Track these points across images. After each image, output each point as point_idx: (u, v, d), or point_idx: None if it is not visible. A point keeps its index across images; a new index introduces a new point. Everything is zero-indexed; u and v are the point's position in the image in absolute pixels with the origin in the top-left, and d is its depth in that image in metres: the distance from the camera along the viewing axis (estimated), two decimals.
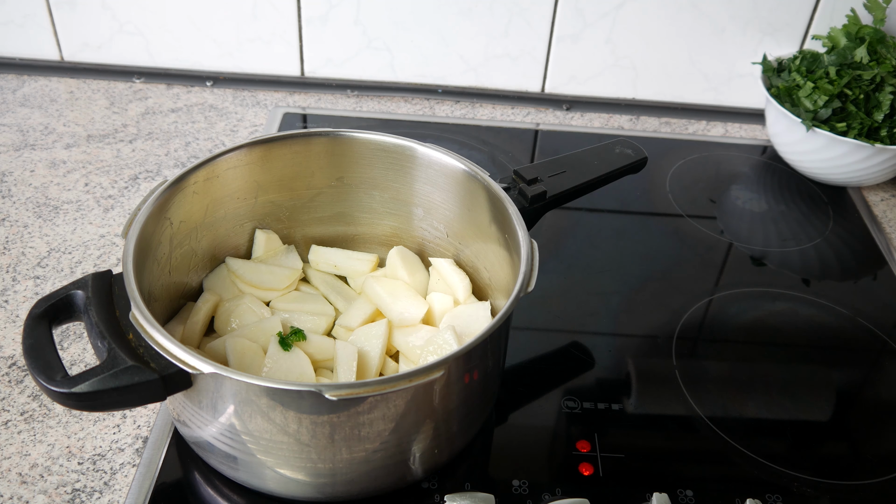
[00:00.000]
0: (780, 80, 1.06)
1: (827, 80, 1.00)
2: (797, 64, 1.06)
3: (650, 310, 0.85)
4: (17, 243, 0.89)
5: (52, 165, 1.01)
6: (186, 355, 0.54)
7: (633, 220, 0.99)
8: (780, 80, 1.06)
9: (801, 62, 1.06)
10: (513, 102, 1.20)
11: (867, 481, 0.70)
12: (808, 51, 1.07)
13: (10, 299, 0.82)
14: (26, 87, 1.15)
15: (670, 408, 0.75)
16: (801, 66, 1.05)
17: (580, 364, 0.79)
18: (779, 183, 1.08)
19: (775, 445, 0.72)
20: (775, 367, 0.80)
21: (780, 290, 0.90)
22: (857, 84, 0.99)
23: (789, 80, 1.05)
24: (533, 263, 0.64)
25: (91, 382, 0.54)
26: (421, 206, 0.78)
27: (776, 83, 1.07)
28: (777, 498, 0.67)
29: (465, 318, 0.71)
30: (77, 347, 0.77)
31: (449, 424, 0.62)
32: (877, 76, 0.99)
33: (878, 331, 0.85)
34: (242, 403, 0.56)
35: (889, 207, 1.05)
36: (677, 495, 0.66)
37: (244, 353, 0.67)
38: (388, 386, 0.54)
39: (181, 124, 1.10)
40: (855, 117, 0.99)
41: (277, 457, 0.59)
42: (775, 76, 1.08)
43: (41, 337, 0.58)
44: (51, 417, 0.71)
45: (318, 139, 0.76)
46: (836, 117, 1.00)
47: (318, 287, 0.79)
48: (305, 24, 1.13)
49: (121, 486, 0.66)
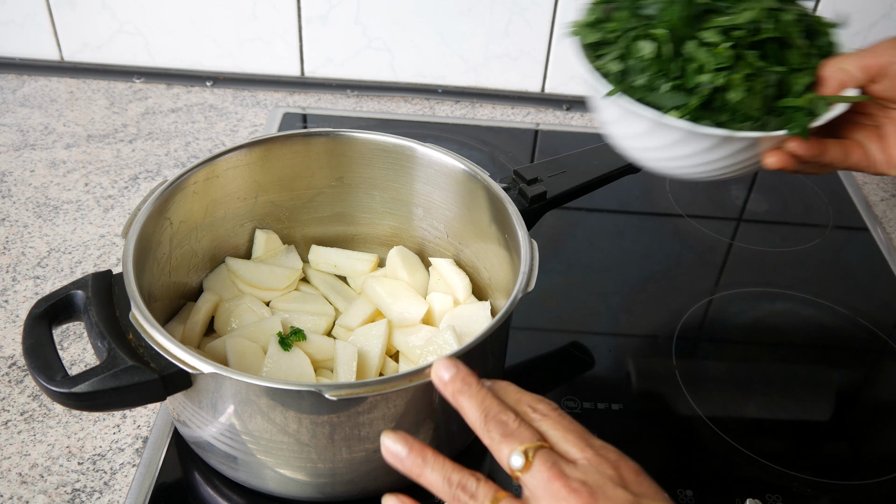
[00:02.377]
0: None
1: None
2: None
3: (650, 310, 0.85)
4: (17, 243, 0.89)
5: (52, 165, 1.01)
6: (186, 355, 0.54)
7: (633, 220, 0.99)
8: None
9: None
10: (513, 102, 1.20)
11: (867, 481, 0.70)
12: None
13: (10, 299, 0.82)
14: (26, 87, 1.15)
15: (670, 408, 0.75)
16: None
17: (580, 364, 0.79)
18: (779, 183, 1.08)
19: (775, 445, 0.72)
20: (775, 367, 0.80)
21: (780, 290, 0.90)
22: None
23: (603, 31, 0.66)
24: (533, 263, 0.64)
25: (91, 382, 0.54)
26: (421, 206, 0.78)
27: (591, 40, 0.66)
28: (777, 498, 0.67)
29: (465, 318, 0.71)
30: (77, 347, 0.77)
31: (449, 424, 0.62)
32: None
33: (878, 331, 0.85)
34: (242, 403, 0.56)
35: (889, 207, 1.05)
36: (677, 495, 0.66)
37: (244, 353, 0.67)
38: (388, 386, 0.54)
39: (181, 124, 1.10)
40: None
41: (277, 457, 0.59)
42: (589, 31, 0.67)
43: (41, 337, 0.58)
44: (51, 417, 0.71)
45: (318, 139, 0.76)
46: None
47: (318, 287, 0.79)
48: (305, 24, 1.13)
49: (121, 486, 0.66)
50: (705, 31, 0.59)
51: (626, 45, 0.61)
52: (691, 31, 0.60)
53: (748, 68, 0.58)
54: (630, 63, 0.61)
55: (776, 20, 0.60)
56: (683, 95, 0.59)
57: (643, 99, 0.60)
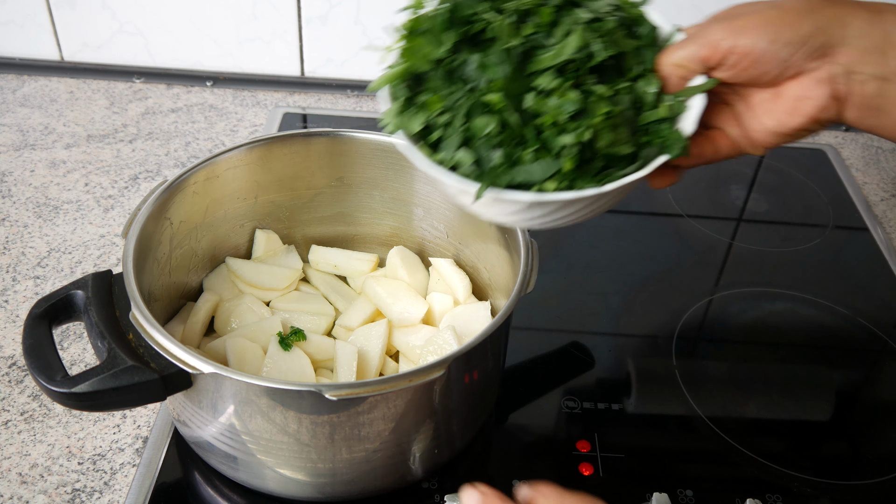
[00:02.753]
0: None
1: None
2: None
3: (650, 310, 0.85)
4: (17, 243, 0.89)
5: (52, 165, 1.01)
6: (186, 355, 0.54)
7: (633, 220, 0.99)
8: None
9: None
10: None
11: (867, 481, 0.70)
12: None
13: (10, 299, 0.82)
14: (26, 87, 1.15)
15: (670, 408, 0.75)
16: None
17: (580, 364, 0.79)
18: (779, 183, 1.08)
19: (775, 445, 0.72)
20: (775, 367, 0.80)
21: (780, 290, 0.90)
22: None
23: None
24: (533, 263, 0.64)
25: (91, 382, 0.54)
26: (421, 206, 0.78)
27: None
28: (777, 498, 0.67)
29: (465, 318, 0.71)
30: (77, 347, 0.77)
31: (449, 424, 0.62)
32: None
33: (878, 331, 0.85)
34: (242, 403, 0.56)
35: (889, 207, 1.05)
36: (677, 495, 0.66)
37: (244, 353, 0.67)
38: (388, 386, 0.54)
39: (181, 124, 1.10)
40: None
41: (277, 457, 0.59)
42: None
43: (41, 337, 0.58)
44: (51, 417, 0.71)
45: (318, 139, 0.76)
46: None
47: (318, 287, 0.79)
48: (305, 23, 1.13)
49: (121, 486, 0.66)
50: (539, 78, 0.52)
51: (463, 127, 0.52)
52: (525, 84, 0.52)
53: (603, 105, 0.52)
54: (478, 145, 0.52)
55: (602, 35, 0.53)
56: (551, 160, 0.52)
57: (512, 180, 0.52)
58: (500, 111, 0.52)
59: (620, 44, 0.53)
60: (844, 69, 0.48)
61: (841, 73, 0.48)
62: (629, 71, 0.54)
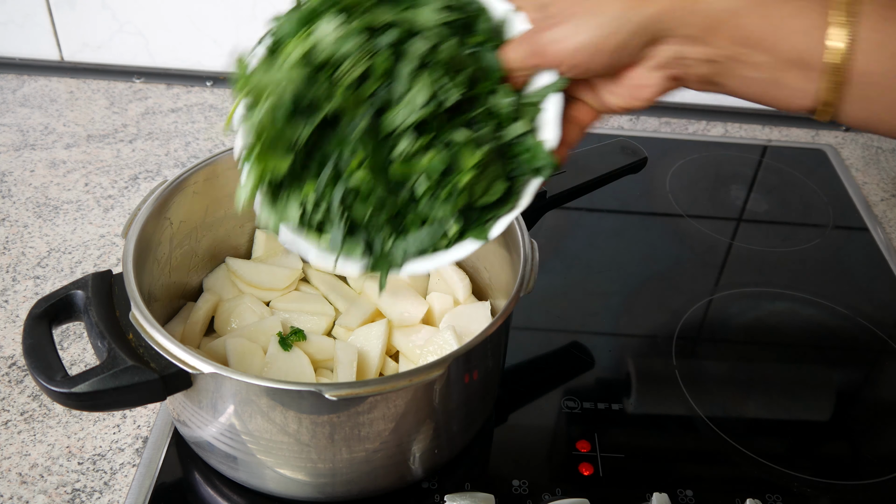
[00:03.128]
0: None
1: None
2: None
3: (650, 310, 0.85)
4: (17, 243, 0.89)
5: (52, 165, 1.01)
6: (186, 355, 0.54)
7: (633, 220, 0.99)
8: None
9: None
10: None
11: (867, 481, 0.70)
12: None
13: (10, 299, 0.82)
14: (26, 87, 1.15)
15: (670, 408, 0.75)
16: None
17: (580, 364, 0.79)
18: (779, 183, 1.08)
19: (775, 445, 0.72)
20: (775, 367, 0.80)
21: (780, 290, 0.90)
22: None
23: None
24: (533, 263, 0.64)
25: (91, 382, 0.54)
26: None
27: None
28: (777, 498, 0.67)
29: (465, 318, 0.71)
30: (77, 347, 0.77)
31: (449, 424, 0.62)
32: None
33: (878, 331, 0.85)
34: (242, 403, 0.56)
35: (889, 207, 1.05)
36: (677, 495, 0.66)
37: (244, 353, 0.67)
38: (388, 386, 0.54)
39: (181, 124, 1.10)
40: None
41: (277, 457, 0.59)
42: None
43: (41, 337, 0.58)
44: (51, 417, 0.71)
45: None
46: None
47: (318, 287, 0.79)
48: None
49: (121, 486, 0.66)
50: (398, 143, 0.50)
51: (341, 216, 0.52)
52: (387, 148, 0.50)
53: (468, 154, 0.50)
54: (361, 230, 0.53)
55: (446, 68, 0.50)
56: (437, 226, 0.52)
57: (405, 255, 0.53)
58: (372, 191, 0.51)
59: (466, 67, 0.51)
60: (674, 55, 0.50)
61: (672, 59, 0.50)
62: (480, 88, 0.52)
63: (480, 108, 0.52)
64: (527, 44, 0.52)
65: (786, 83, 0.48)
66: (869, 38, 0.45)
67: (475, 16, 0.53)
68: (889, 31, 0.45)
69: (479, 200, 0.52)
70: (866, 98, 0.47)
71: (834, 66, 0.46)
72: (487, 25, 0.53)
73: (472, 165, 0.50)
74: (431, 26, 0.50)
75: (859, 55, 0.45)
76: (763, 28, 0.47)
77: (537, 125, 0.53)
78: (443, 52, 0.50)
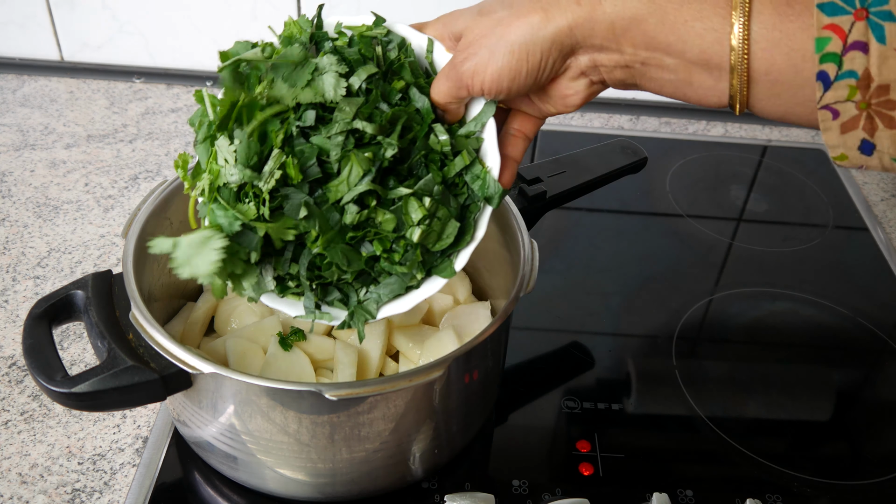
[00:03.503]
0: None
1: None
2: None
3: (650, 310, 0.85)
4: (17, 243, 0.89)
5: (52, 165, 1.01)
6: (186, 355, 0.54)
7: (633, 220, 0.99)
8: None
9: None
10: None
11: (867, 481, 0.70)
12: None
13: (10, 299, 0.82)
14: (26, 87, 1.15)
15: (670, 408, 0.75)
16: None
17: (580, 364, 0.79)
18: (779, 183, 1.08)
19: (775, 445, 0.72)
20: (775, 367, 0.80)
21: (780, 290, 0.90)
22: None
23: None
24: (533, 263, 0.64)
25: (91, 382, 0.54)
26: None
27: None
28: (777, 498, 0.67)
29: (465, 318, 0.71)
30: (77, 347, 0.77)
31: (449, 424, 0.62)
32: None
33: (878, 331, 0.85)
34: (242, 403, 0.56)
35: (889, 207, 1.05)
36: (677, 495, 0.66)
37: (244, 353, 0.67)
38: (388, 386, 0.54)
39: (181, 124, 1.10)
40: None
41: (277, 457, 0.59)
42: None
43: (41, 337, 0.58)
44: (51, 417, 0.71)
45: None
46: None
47: None
48: None
49: (121, 486, 0.66)
50: (344, 216, 0.52)
51: (310, 281, 0.55)
52: (337, 221, 0.52)
53: (415, 206, 0.52)
54: (339, 284, 0.56)
55: (380, 127, 0.51)
56: (404, 273, 0.55)
57: (379, 302, 0.57)
58: (335, 268, 0.54)
59: (398, 119, 0.53)
60: (590, 63, 0.52)
61: (589, 67, 0.52)
62: (416, 133, 0.54)
63: (419, 154, 0.54)
64: (449, 78, 0.54)
65: (698, 83, 0.50)
66: (767, 36, 0.46)
67: (393, 61, 0.55)
68: (785, 28, 0.46)
69: (434, 247, 0.55)
70: (775, 94, 0.48)
71: (737, 66, 0.47)
72: (411, 59, 0.55)
73: (420, 219, 0.53)
74: (358, 76, 0.53)
75: (759, 53, 0.47)
76: (666, 32, 0.48)
77: (481, 153, 0.56)
78: (372, 102, 0.52)
